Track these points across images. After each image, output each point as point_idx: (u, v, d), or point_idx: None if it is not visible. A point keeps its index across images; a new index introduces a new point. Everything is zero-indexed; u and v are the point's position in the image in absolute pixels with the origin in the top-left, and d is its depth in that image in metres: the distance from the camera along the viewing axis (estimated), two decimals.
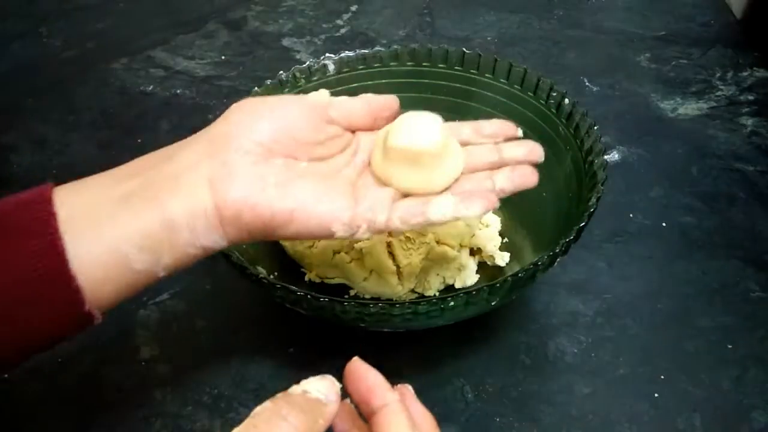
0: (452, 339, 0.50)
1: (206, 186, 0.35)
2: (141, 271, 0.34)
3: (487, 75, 0.55)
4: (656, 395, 0.47)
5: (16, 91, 0.76)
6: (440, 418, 0.46)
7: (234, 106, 0.39)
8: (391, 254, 0.49)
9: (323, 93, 0.42)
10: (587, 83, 0.73)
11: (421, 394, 0.47)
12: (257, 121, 0.37)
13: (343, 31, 0.84)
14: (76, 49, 0.81)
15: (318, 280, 0.52)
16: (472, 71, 0.55)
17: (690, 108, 0.70)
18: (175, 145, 0.38)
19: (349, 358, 0.49)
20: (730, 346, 0.50)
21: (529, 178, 0.41)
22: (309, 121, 0.39)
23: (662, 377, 0.48)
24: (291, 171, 0.38)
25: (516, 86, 0.54)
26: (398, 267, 0.49)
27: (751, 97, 0.71)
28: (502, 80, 0.54)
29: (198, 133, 0.38)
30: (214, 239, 0.36)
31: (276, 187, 0.37)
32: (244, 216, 0.36)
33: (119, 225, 0.34)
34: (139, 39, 0.83)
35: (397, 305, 0.40)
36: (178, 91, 0.75)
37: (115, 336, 0.51)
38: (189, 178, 0.35)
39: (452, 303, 0.40)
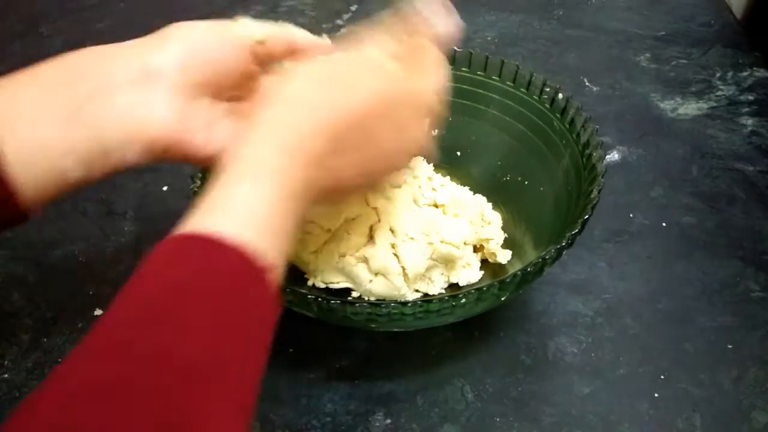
0: (452, 339, 0.50)
1: (138, 119, 0.36)
2: (74, 181, 0.36)
3: (479, 73, 0.55)
4: (656, 395, 0.47)
5: None
6: (440, 418, 0.46)
7: (174, 32, 0.39)
8: (396, 256, 0.49)
9: (248, 24, 0.41)
10: (587, 83, 0.73)
11: (421, 394, 0.47)
12: (190, 57, 0.38)
13: (343, 31, 0.84)
14: (76, 49, 0.81)
15: (323, 286, 0.51)
16: (463, 69, 0.55)
17: (690, 108, 0.70)
18: (102, 54, 0.38)
19: (349, 358, 0.50)
20: (730, 346, 0.50)
21: None
22: (237, 60, 0.40)
23: (662, 377, 0.48)
24: (215, 110, 0.39)
25: (509, 83, 0.54)
26: (403, 268, 0.49)
27: (751, 97, 0.71)
28: (494, 77, 0.54)
29: (131, 48, 0.38)
30: (140, 161, 0.37)
31: (203, 129, 0.38)
32: (170, 152, 0.38)
33: (55, 142, 0.35)
34: None
35: (409, 304, 0.40)
36: None
37: None
38: (122, 107, 0.36)
39: (463, 300, 0.40)
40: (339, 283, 0.51)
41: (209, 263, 0.29)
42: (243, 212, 0.30)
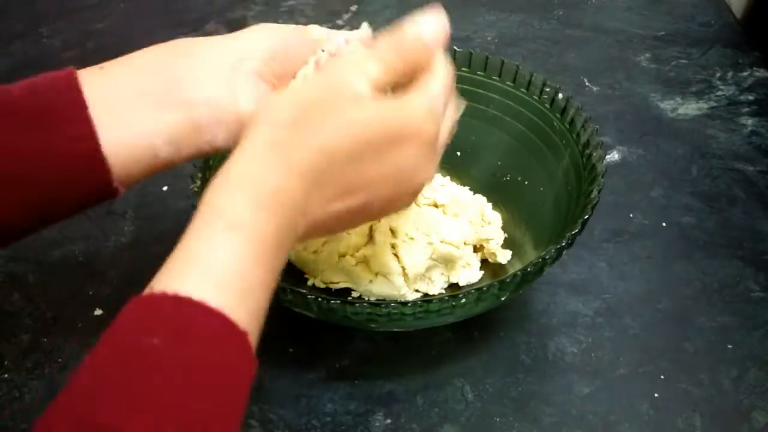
0: (452, 339, 0.50)
1: (226, 102, 0.38)
2: (164, 159, 0.38)
3: (479, 73, 0.55)
4: (656, 395, 0.47)
5: None
6: (440, 418, 0.46)
7: (260, 28, 0.42)
8: (396, 256, 0.49)
9: (320, 31, 0.43)
10: (587, 83, 0.73)
11: (421, 394, 0.47)
12: (275, 50, 0.40)
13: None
14: (76, 49, 0.81)
15: (323, 286, 0.51)
16: (463, 69, 0.55)
17: (690, 108, 0.70)
18: (194, 43, 0.40)
19: (349, 358, 0.50)
20: (730, 346, 0.50)
21: None
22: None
23: (662, 377, 0.48)
24: None
25: (509, 83, 0.54)
26: (403, 268, 0.49)
27: (751, 97, 0.71)
28: (494, 77, 0.54)
29: (221, 39, 0.41)
30: (227, 143, 0.39)
31: None
32: None
33: (148, 121, 0.37)
34: (139, 39, 0.83)
35: (409, 304, 0.40)
36: None
37: None
38: (212, 91, 0.38)
39: (464, 300, 0.40)
40: (339, 283, 0.51)
41: (187, 329, 0.27)
42: (219, 273, 0.29)
